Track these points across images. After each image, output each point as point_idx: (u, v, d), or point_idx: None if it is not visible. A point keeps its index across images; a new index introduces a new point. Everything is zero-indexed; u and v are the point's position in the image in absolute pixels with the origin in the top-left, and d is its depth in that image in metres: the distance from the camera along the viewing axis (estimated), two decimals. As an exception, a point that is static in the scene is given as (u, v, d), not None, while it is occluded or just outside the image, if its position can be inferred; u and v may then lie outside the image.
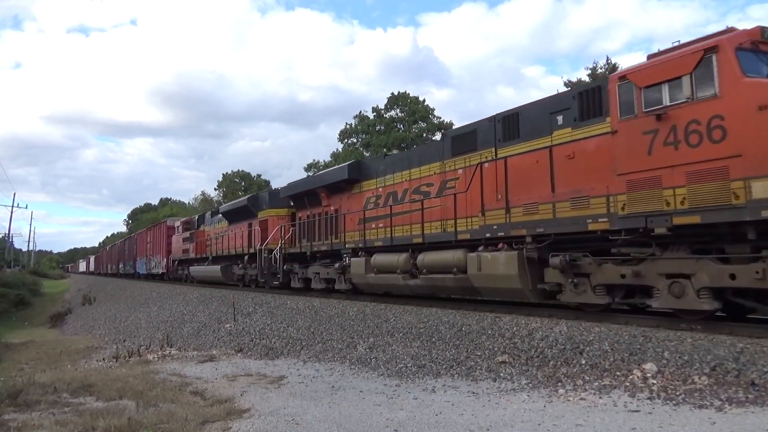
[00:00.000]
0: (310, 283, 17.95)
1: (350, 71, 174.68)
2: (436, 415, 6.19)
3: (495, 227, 10.65)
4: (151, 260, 40.09)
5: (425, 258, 12.33)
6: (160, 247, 37.36)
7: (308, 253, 17.92)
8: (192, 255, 29.98)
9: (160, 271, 36.93)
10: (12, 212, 66.06)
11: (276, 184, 69.93)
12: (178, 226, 33.81)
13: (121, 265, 54.80)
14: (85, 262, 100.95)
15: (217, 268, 25.16)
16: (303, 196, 18.79)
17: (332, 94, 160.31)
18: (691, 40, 8.30)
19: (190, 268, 29.69)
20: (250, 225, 22.34)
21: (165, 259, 35.74)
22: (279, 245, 19.13)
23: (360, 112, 50.43)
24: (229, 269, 24.55)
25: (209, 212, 30.59)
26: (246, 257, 22.24)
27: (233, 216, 24.86)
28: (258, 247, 20.17)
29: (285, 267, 18.91)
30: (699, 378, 6.35)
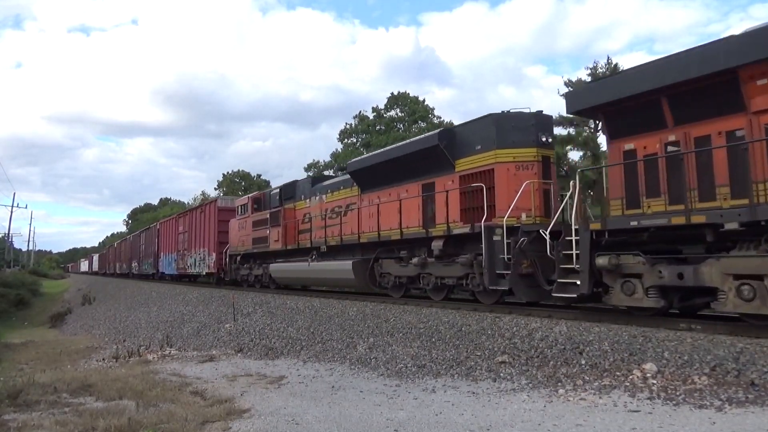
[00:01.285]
0: (688, 300, 8.52)
1: (352, 71, 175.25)
2: (436, 415, 6.19)
3: None
4: (186, 256, 29.49)
5: None
6: (205, 238, 26.87)
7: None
8: (276, 246, 19.23)
9: (205, 272, 26.69)
10: (12, 212, 66.09)
11: (277, 184, 69.71)
12: (242, 206, 22.89)
13: (134, 264, 45.23)
14: (87, 262, 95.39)
15: (345, 265, 14.89)
16: (660, 96, 8.48)
17: (334, 94, 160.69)
18: None
19: (272, 266, 19.71)
20: (430, 185, 12.81)
21: (215, 254, 25.30)
22: (555, 217, 10.27)
23: (360, 112, 50.48)
24: (369, 267, 14.49)
25: (305, 179, 20.44)
26: (438, 243, 12.07)
27: (381, 174, 14.29)
28: (483, 223, 10.85)
29: (602, 261, 8.71)
30: (699, 378, 6.35)
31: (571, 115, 14.50)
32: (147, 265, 39.50)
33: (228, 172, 72.60)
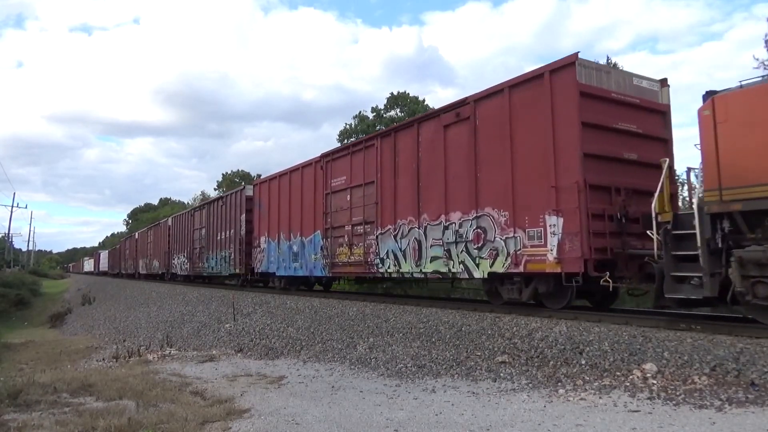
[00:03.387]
0: None
1: (354, 70, 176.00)
2: (436, 415, 6.19)
3: None
4: (380, 238, 13.27)
5: None
6: (483, 188, 10.48)
7: None
8: None
9: (507, 270, 9.91)
10: (12, 212, 66.08)
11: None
12: None
13: (176, 262, 30.84)
14: (92, 260, 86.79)
15: None
16: None
17: (336, 93, 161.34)
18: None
19: None
20: None
21: (576, 222, 8.72)
22: None
23: (360, 112, 50.46)
24: None
25: None
26: None
27: None
28: None
29: None
30: (699, 378, 6.35)
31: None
32: (212, 261, 24.70)
33: (228, 172, 72.65)
